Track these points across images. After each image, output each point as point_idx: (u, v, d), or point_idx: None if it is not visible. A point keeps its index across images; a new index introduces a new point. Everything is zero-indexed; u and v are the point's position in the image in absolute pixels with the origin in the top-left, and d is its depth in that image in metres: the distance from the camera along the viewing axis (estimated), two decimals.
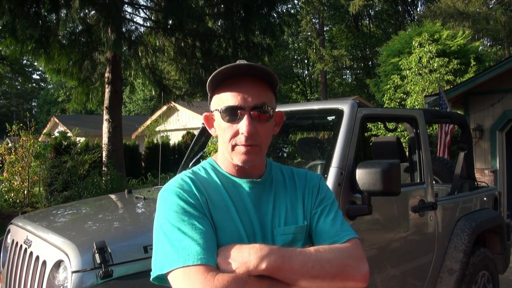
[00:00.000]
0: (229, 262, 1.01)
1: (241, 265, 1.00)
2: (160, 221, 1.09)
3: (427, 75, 11.13)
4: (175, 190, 1.12)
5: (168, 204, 1.10)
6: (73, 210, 2.92)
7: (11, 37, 7.66)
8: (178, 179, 1.17)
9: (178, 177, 1.18)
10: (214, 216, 1.10)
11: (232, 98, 1.11)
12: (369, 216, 2.42)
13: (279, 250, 1.03)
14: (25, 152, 10.24)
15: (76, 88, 10.38)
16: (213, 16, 10.12)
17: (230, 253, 1.03)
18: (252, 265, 0.99)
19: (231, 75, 1.12)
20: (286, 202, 1.19)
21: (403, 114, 3.18)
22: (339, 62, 25.97)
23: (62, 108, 37.57)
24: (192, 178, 1.17)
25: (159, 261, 1.05)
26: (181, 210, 1.08)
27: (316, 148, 3.33)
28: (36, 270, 1.97)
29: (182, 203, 1.09)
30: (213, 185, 1.16)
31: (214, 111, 1.18)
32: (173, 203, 1.10)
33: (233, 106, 1.10)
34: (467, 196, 3.50)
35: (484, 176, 7.83)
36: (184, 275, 0.98)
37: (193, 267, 0.98)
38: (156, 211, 1.13)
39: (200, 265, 0.99)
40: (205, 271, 0.98)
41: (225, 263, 1.01)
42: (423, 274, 2.96)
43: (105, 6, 7.67)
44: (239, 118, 1.10)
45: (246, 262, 1.00)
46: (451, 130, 7.44)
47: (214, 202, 1.13)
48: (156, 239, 1.09)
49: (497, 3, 23.42)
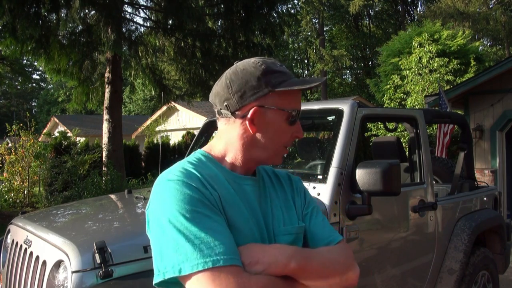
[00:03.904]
0: (256, 262, 0.94)
1: (270, 266, 0.94)
2: (168, 214, 0.94)
3: (427, 75, 11.14)
4: (183, 180, 0.99)
5: (177, 195, 0.96)
6: (73, 210, 2.92)
7: (11, 37, 7.65)
8: (180, 168, 1.04)
9: (177, 167, 1.05)
10: (228, 214, 1.01)
11: (298, 102, 1.13)
12: (369, 216, 2.42)
13: (301, 250, 1.02)
14: (25, 152, 10.24)
15: (76, 88, 10.38)
16: (213, 16, 10.12)
17: (254, 254, 0.96)
18: (280, 266, 0.95)
19: (300, 84, 1.10)
20: (280, 202, 1.16)
21: (403, 114, 3.18)
22: (339, 62, 25.98)
23: (62, 108, 37.58)
24: (195, 169, 1.04)
25: (171, 261, 0.90)
26: (196, 202, 0.95)
27: (316, 148, 3.33)
28: (36, 270, 1.97)
29: (195, 195, 0.97)
30: (219, 179, 1.06)
31: (271, 107, 1.08)
32: (184, 194, 0.96)
33: (299, 110, 1.13)
34: (467, 196, 3.50)
35: (484, 176, 7.83)
36: (214, 277, 0.87)
37: (224, 268, 0.88)
38: (156, 204, 0.99)
39: (232, 266, 0.89)
40: (238, 273, 0.89)
41: (251, 264, 0.94)
42: (423, 274, 2.96)
43: (105, 6, 7.67)
44: (297, 122, 1.14)
45: (274, 262, 0.95)
46: (451, 130, 7.45)
47: (226, 199, 1.03)
48: (161, 236, 0.94)
49: (497, 3, 23.42)
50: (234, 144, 1.11)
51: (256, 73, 1.08)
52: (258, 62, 1.10)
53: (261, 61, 1.10)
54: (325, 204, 2.27)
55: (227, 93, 1.09)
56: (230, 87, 1.09)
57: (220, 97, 1.10)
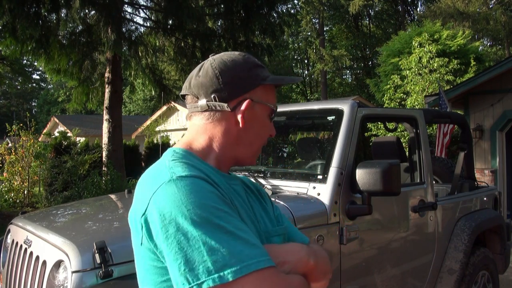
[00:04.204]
0: (284, 262, 0.91)
1: (296, 264, 0.93)
2: (191, 216, 0.81)
3: (427, 75, 11.14)
4: (198, 176, 0.88)
5: (198, 193, 0.84)
6: (73, 210, 2.92)
7: (11, 37, 7.66)
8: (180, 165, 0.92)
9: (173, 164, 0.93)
10: (240, 214, 0.94)
11: (275, 98, 1.11)
12: (369, 216, 2.42)
13: (310, 248, 1.01)
14: (25, 152, 10.24)
15: (76, 88, 10.38)
16: (213, 16, 10.11)
17: (279, 254, 0.92)
18: (304, 263, 0.94)
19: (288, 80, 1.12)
20: (256, 204, 1.12)
21: (403, 114, 3.18)
22: (339, 62, 25.98)
23: (62, 108, 37.58)
24: (194, 166, 0.94)
25: (205, 269, 0.78)
26: (219, 200, 0.86)
27: (316, 148, 3.33)
28: (36, 270, 1.97)
29: (216, 192, 0.88)
30: (217, 178, 0.97)
31: (260, 102, 1.05)
32: (205, 191, 0.86)
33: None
34: (467, 196, 3.50)
35: (484, 176, 7.83)
36: (262, 279, 0.80)
37: (266, 270, 0.81)
38: (170, 206, 0.83)
39: (271, 268, 0.82)
40: (278, 273, 0.84)
41: (280, 263, 0.89)
42: (423, 274, 2.96)
43: (105, 6, 7.68)
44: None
45: (299, 261, 0.94)
46: (451, 131, 7.45)
47: (233, 199, 0.96)
48: (184, 242, 0.80)
49: (497, 3, 23.42)
50: (220, 140, 1.03)
51: (246, 65, 1.04)
52: (245, 54, 1.07)
53: (247, 54, 1.07)
54: (325, 204, 2.27)
55: (216, 84, 1.01)
56: (219, 78, 1.01)
57: (206, 89, 1.02)
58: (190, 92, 1.05)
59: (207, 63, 1.06)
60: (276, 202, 2.21)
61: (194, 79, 1.05)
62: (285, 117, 3.32)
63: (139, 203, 0.92)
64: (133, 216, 0.95)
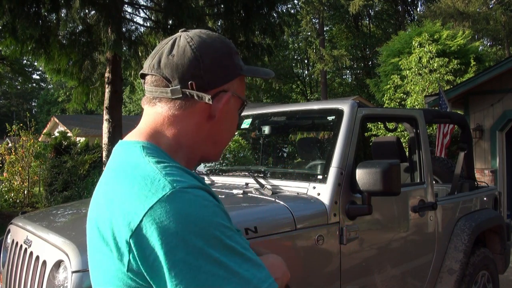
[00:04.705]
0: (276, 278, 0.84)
1: (281, 280, 0.90)
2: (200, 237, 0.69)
3: (427, 75, 11.15)
4: (201, 188, 0.76)
5: (206, 208, 0.73)
6: (73, 210, 2.92)
7: (11, 37, 7.66)
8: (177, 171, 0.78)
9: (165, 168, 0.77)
10: None
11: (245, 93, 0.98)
12: (369, 216, 2.42)
13: (280, 258, 0.99)
14: (25, 152, 10.25)
15: (76, 88, 10.38)
16: (213, 16, 10.11)
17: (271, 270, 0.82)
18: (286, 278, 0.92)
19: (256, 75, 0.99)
20: None
21: (403, 114, 3.18)
22: (339, 62, 25.98)
23: (62, 108, 37.59)
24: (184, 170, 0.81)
25: None
26: (224, 217, 0.76)
27: (316, 148, 3.33)
28: (36, 270, 1.97)
29: (220, 205, 0.78)
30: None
31: (236, 95, 0.92)
32: (212, 207, 0.74)
33: None
34: (467, 196, 3.50)
35: (484, 176, 7.84)
36: None
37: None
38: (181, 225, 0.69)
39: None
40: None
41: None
42: (423, 274, 2.96)
43: (105, 6, 7.68)
44: None
45: (283, 275, 0.91)
46: (451, 131, 7.45)
47: None
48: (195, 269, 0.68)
49: (497, 3, 23.43)
50: (190, 135, 0.88)
51: (228, 50, 0.90)
52: (224, 37, 0.93)
53: (223, 36, 0.93)
54: (325, 204, 2.27)
55: (195, 69, 0.85)
56: (200, 62, 0.85)
57: (182, 73, 0.84)
58: (158, 73, 0.86)
59: (183, 40, 0.87)
60: (276, 202, 2.21)
61: (165, 58, 0.86)
62: (285, 117, 3.32)
63: (118, 214, 0.74)
64: (104, 228, 0.77)
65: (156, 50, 0.89)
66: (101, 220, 0.78)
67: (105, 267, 0.78)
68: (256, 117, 3.38)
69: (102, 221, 0.78)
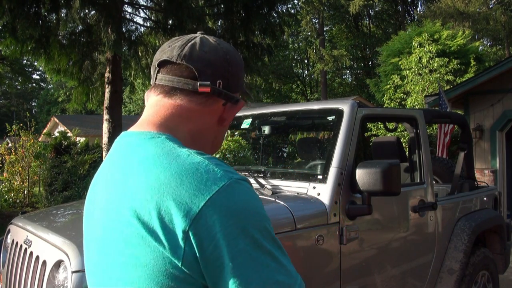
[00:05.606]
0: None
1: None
2: (258, 228, 0.71)
3: (427, 75, 11.15)
4: (248, 181, 0.77)
5: (257, 201, 0.74)
6: (73, 210, 2.92)
7: (11, 37, 7.66)
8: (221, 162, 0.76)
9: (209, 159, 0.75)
10: None
11: None
12: (369, 216, 2.42)
13: None
14: (25, 152, 10.25)
15: (76, 88, 10.38)
16: (213, 16, 10.11)
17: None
18: None
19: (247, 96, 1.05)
20: None
21: (403, 114, 3.18)
22: (339, 62, 26.00)
23: (62, 108, 37.61)
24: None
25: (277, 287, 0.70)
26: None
27: (316, 148, 3.33)
28: (36, 270, 1.97)
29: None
30: None
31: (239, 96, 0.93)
32: (259, 199, 0.76)
33: None
34: (467, 196, 3.50)
35: (484, 176, 7.84)
36: None
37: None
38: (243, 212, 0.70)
39: None
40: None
41: None
42: (423, 274, 2.96)
43: (105, 6, 7.68)
44: None
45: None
46: (451, 130, 7.45)
47: None
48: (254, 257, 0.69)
49: (497, 3, 23.43)
50: (204, 133, 0.88)
51: (242, 64, 0.92)
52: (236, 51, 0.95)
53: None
54: (325, 204, 2.27)
55: (224, 70, 0.86)
56: (229, 65, 0.87)
57: (214, 70, 0.85)
58: (190, 64, 0.83)
59: (211, 40, 0.88)
60: (276, 202, 2.21)
61: (199, 51, 0.84)
62: (285, 117, 3.32)
63: (169, 205, 0.69)
64: (150, 220, 0.70)
65: (182, 43, 0.86)
66: (143, 213, 0.71)
67: (143, 262, 0.71)
68: (256, 117, 3.38)
69: (143, 214, 0.71)
